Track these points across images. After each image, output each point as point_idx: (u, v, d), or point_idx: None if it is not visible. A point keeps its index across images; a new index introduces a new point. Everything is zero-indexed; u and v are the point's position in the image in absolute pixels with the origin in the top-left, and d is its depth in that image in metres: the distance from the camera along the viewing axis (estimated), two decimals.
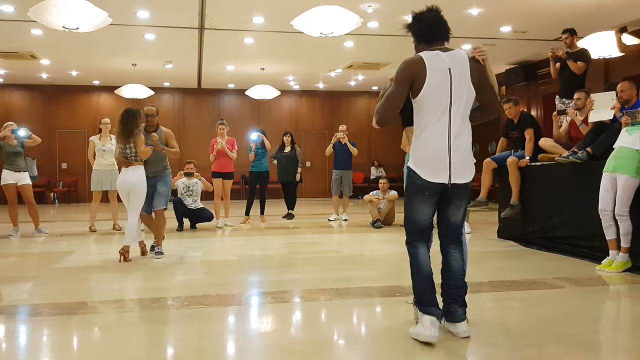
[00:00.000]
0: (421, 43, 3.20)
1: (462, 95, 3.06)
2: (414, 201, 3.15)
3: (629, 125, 5.12)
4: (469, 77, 3.08)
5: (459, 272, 3.21)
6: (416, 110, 3.14)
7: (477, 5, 9.15)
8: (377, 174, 17.25)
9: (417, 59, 3.08)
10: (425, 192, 3.10)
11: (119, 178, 6.00)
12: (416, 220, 3.16)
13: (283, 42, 11.40)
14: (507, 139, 7.37)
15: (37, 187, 13.53)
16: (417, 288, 3.15)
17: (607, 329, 3.62)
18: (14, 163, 8.05)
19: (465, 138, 3.10)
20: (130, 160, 5.88)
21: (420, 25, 3.19)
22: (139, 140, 5.87)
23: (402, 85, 3.09)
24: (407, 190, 3.22)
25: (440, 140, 3.03)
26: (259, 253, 6.64)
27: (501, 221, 7.37)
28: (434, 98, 3.03)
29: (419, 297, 3.13)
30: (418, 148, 3.11)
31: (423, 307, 3.08)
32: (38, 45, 11.58)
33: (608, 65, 10.89)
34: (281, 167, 10.52)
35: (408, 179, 3.18)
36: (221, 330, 3.50)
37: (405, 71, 3.08)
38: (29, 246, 7.23)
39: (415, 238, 3.18)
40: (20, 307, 4.00)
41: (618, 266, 5.02)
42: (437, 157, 3.04)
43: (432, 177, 3.05)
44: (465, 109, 3.10)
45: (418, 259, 3.15)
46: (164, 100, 16.89)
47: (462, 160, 3.07)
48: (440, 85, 3.03)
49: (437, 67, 3.04)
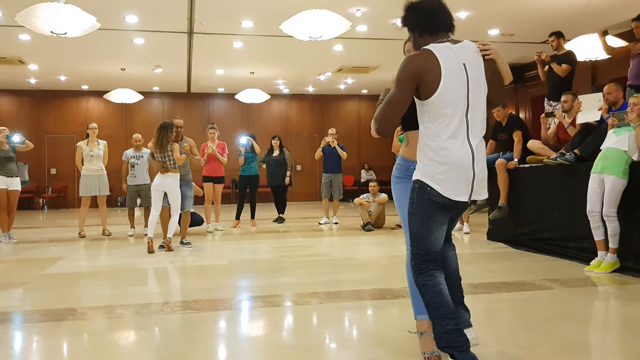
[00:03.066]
0: (423, 35, 2.64)
1: (479, 96, 2.58)
2: (431, 222, 2.58)
3: (615, 126, 5.16)
4: (484, 74, 2.62)
5: (457, 272, 2.95)
6: (423, 115, 2.59)
7: (465, 8, 9.20)
8: (368, 177, 17.28)
9: (425, 54, 2.54)
10: (442, 212, 2.58)
11: (156, 181, 6.90)
12: (431, 243, 2.59)
13: (272, 46, 11.41)
14: (496, 141, 7.41)
15: (26, 192, 13.43)
16: (444, 329, 2.50)
17: (596, 330, 3.65)
18: (6, 168, 8.03)
19: (483, 147, 2.62)
20: (168, 167, 6.79)
21: (422, 14, 2.64)
22: (175, 148, 6.83)
23: (406, 87, 2.53)
24: (417, 210, 2.61)
25: (461, 152, 2.51)
26: (249, 257, 6.63)
27: (490, 223, 7.40)
28: (449, 100, 2.50)
29: (448, 340, 2.50)
30: (433, 159, 2.53)
31: (457, 351, 2.48)
32: (26, 50, 11.51)
33: (595, 67, 10.98)
34: (270, 170, 10.52)
35: (418, 196, 2.59)
36: (212, 335, 3.49)
37: (411, 68, 2.53)
38: (17, 252, 7.17)
39: (430, 265, 2.60)
40: (9, 314, 3.96)
41: (606, 267, 5.06)
42: (459, 171, 2.51)
43: (453, 194, 2.52)
44: (483, 112, 2.61)
45: (440, 288, 2.56)
46: (153, 105, 16.83)
47: (483, 173, 2.61)
48: (457, 85, 2.51)
49: (452, 62, 2.52)
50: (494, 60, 2.72)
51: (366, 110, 18.37)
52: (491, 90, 2.68)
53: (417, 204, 2.60)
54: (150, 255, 6.54)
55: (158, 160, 6.83)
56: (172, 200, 6.88)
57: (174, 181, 6.88)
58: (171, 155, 6.79)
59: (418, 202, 2.60)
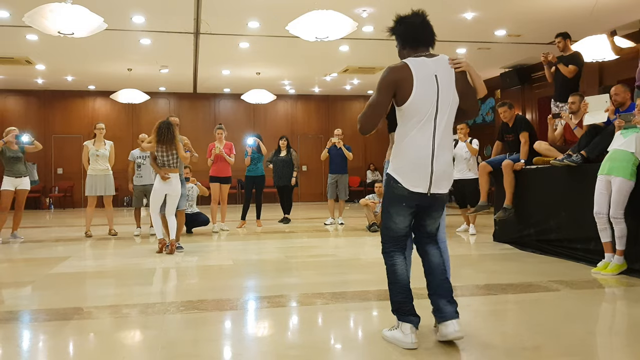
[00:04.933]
0: (406, 48, 3.12)
1: (447, 103, 2.99)
2: (392, 209, 3.10)
3: (622, 128, 5.14)
4: (454, 85, 3.01)
5: (440, 267, 3.14)
6: (400, 118, 3.06)
7: (472, 9, 9.18)
8: (373, 178, 17.27)
9: (401, 66, 3.00)
10: (403, 203, 3.05)
11: (158, 184, 6.64)
12: (393, 228, 3.12)
13: (278, 46, 11.41)
14: (502, 143, 7.40)
15: (33, 192, 13.46)
16: (395, 298, 3.13)
17: (602, 332, 3.63)
18: (14, 168, 8.07)
19: (448, 148, 3.04)
20: (172, 167, 6.62)
21: (407, 29, 3.10)
22: (179, 147, 6.69)
23: (385, 92, 3.00)
24: (385, 198, 3.17)
25: (423, 149, 2.96)
26: (255, 257, 6.64)
27: (496, 224, 7.39)
28: (420, 106, 2.95)
29: (397, 306, 3.11)
30: (399, 155, 3.04)
31: (402, 316, 3.08)
32: (33, 50, 11.56)
33: (602, 68, 10.93)
34: (277, 171, 10.53)
35: (387, 186, 3.12)
36: (217, 335, 3.50)
37: (389, 78, 3.00)
38: (24, 252, 7.21)
39: (391, 247, 3.15)
40: (16, 313, 3.98)
41: (613, 269, 5.03)
42: (419, 165, 2.98)
43: (412, 186, 2.99)
44: (450, 117, 3.03)
45: (395, 268, 3.12)
46: (160, 105, 16.86)
47: (443, 170, 3.01)
48: (427, 93, 2.95)
49: (424, 74, 2.96)
50: (467, 72, 3.09)
51: None
52: (464, 100, 3.08)
53: (386, 194, 3.16)
54: (157, 255, 6.56)
55: (162, 160, 6.61)
56: (171, 200, 6.67)
57: (177, 181, 6.69)
58: (176, 154, 6.64)
59: (386, 192, 3.16)
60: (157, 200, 6.70)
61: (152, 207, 6.73)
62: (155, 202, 6.70)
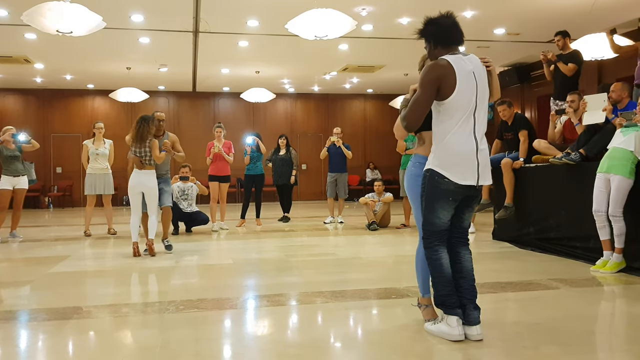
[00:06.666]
0: (437, 47, 3.19)
1: (484, 98, 3.14)
2: (437, 204, 3.15)
3: (622, 126, 5.14)
4: (487, 81, 3.18)
5: (471, 273, 3.25)
6: (440, 114, 3.12)
7: (471, 7, 9.18)
8: (373, 177, 17.26)
9: (443, 63, 3.07)
10: (450, 197, 3.12)
11: (133, 179, 6.37)
12: (437, 223, 3.18)
13: (278, 45, 11.41)
14: (501, 141, 7.39)
15: (32, 191, 13.46)
16: (440, 292, 3.18)
17: (602, 330, 3.63)
18: (12, 167, 8.07)
19: (485, 141, 3.18)
20: (145, 163, 6.34)
21: (439, 30, 3.18)
22: (154, 145, 6.38)
23: (430, 89, 3.06)
24: (427, 194, 3.18)
25: (468, 143, 3.07)
26: (254, 256, 6.64)
27: (496, 222, 7.39)
28: (463, 101, 3.05)
29: (442, 300, 3.17)
30: (444, 151, 3.09)
31: (448, 309, 3.15)
32: (32, 49, 11.56)
33: (601, 66, 10.94)
34: (276, 169, 10.53)
35: (429, 182, 3.14)
36: (217, 334, 3.50)
37: (434, 74, 3.06)
38: (23, 251, 7.20)
39: (435, 241, 3.20)
40: (15, 312, 3.98)
41: (612, 267, 5.04)
42: (466, 159, 3.08)
43: (461, 179, 3.08)
44: (485, 112, 3.17)
45: (440, 262, 3.17)
46: (159, 104, 16.84)
47: (486, 162, 3.15)
48: (468, 89, 3.06)
49: (464, 71, 3.06)
50: (491, 74, 3.26)
51: (371, 110, 18.37)
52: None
53: (428, 189, 3.17)
54: (155, 255, 6.54)
55: (136, 155, 6.34)
56: (149, 198, 6.40)
57: (150, 178, 6.37)
58: (149, 151, 6.34)
59: (429, 188, 3.16)
60: (133, 198, 6.41)
61: (131, 207, 6.47)
62: (132, 201, 6.42)
